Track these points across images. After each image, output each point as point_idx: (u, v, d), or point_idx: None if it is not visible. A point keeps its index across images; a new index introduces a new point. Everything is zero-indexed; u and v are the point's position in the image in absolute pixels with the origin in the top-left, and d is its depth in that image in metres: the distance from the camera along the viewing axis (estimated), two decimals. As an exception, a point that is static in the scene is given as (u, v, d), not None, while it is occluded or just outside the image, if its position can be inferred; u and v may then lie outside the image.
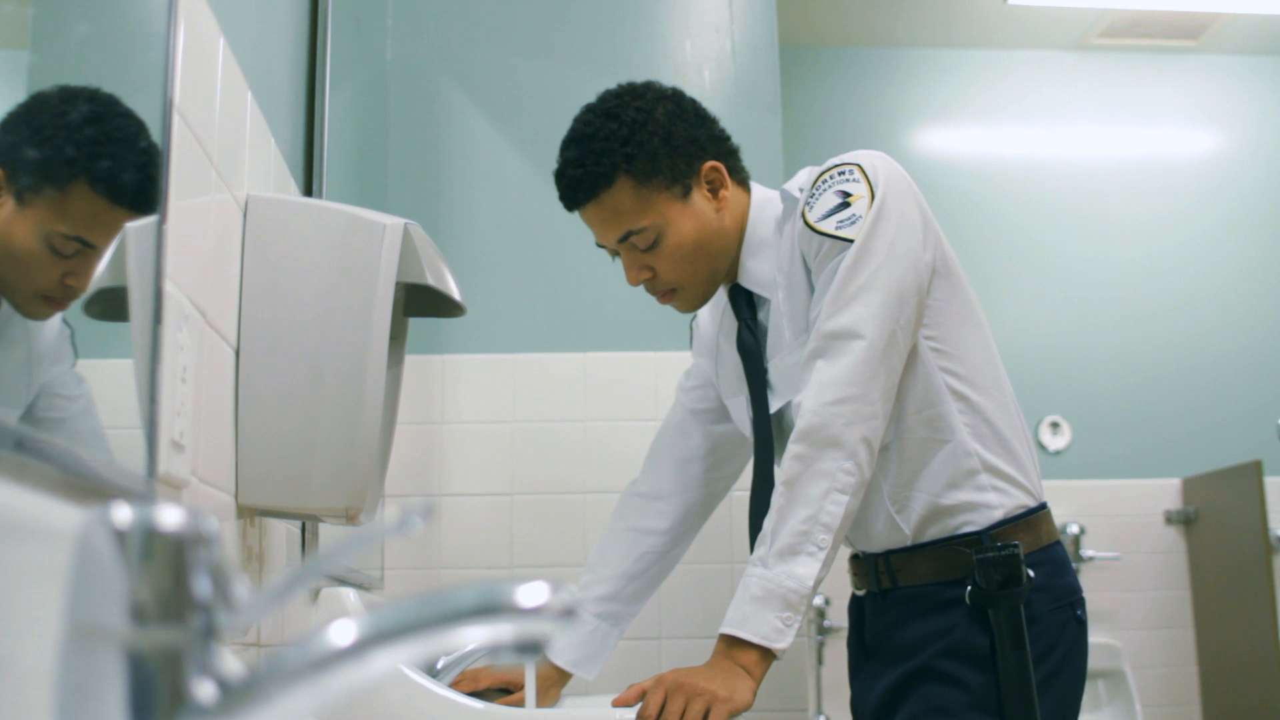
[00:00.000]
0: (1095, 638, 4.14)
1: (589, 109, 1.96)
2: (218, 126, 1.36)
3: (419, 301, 1.72)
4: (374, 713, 1.55)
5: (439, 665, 1.91)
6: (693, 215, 1.90)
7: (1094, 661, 3.99)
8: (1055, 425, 4.53)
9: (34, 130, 0.98)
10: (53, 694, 0.55)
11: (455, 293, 1.62)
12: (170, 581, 0.56)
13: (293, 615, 1.72)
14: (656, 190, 1.88)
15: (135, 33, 1.14)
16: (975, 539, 1.78)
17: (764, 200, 1.98)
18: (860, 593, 1.97)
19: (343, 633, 0.55)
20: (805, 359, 1.78)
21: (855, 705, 1.93)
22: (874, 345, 1.72)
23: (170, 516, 0.56)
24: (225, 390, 1.41)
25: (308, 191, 1.98)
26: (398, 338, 1.67)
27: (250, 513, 1.51)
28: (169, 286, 1.14)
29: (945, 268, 1.86)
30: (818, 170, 1.87)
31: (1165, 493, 4.43)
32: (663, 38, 3.00)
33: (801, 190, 1.88)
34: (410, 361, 1.82)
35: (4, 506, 0.75)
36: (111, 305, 1.03)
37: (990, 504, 1.80)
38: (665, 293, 1.96)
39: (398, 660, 0.55)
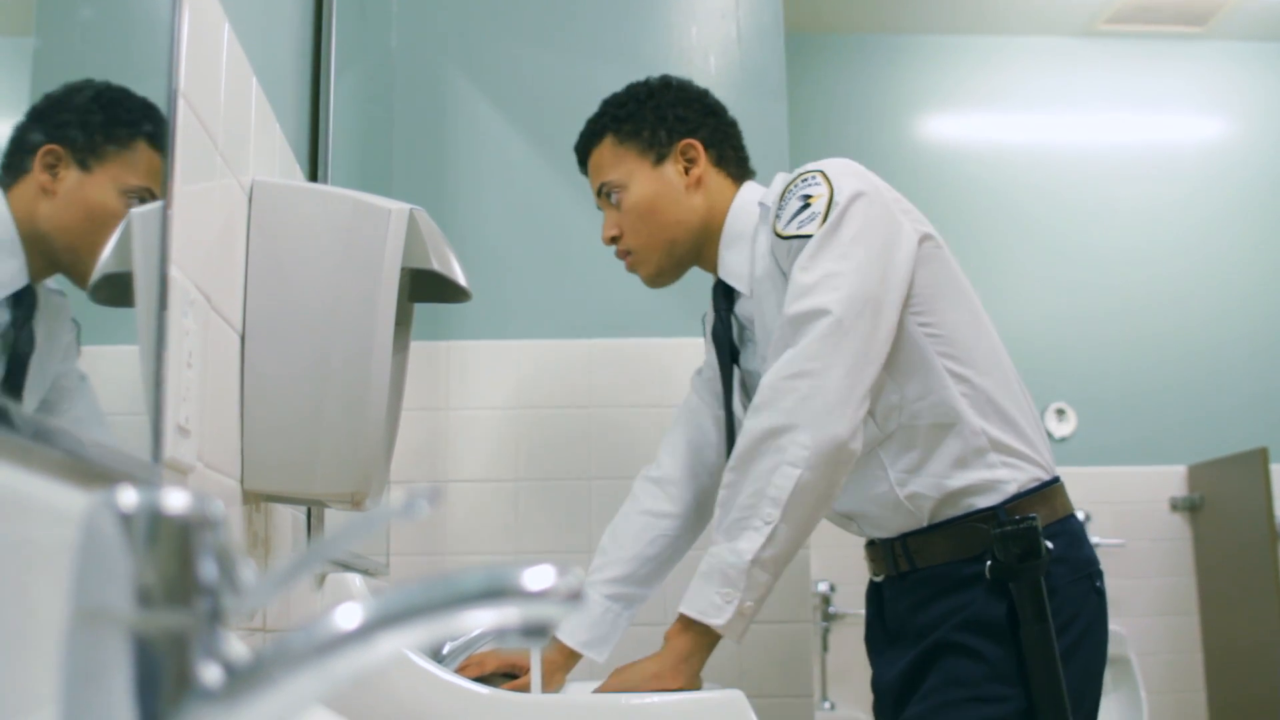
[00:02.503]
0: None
1: None
2: (222, 112, 1.36)
3: (424, 287, 1.71)
4: (379, 698, 1.55)
5: (444, 650, 1.91)
6: (658, 181, 2.01)
7: (1099, 648, 4.00)
8: (1061, 412, 4.53)
9: (93, 98, 1.01)
10: (59, 677, 0.55)
11: (461, 278, 1.62)
12: (176, 565, 0.56)
13: (298, 601, 1.72)
14: (630, 150, 2.03)
15: (140, 18, 1.14)
16: (991, 514, 1.78)
17: (750, 200, 2.03)
18: (878, 579, 1.96)
19: (348, 616, 0.55)
20: (776, 346, 1.80)
21: (876, 682, 1.93)
22: (838, 320, 1.72)
23: (176, 500, 0.56)
24: (230, 376, 1.41)
25: (313, 177, 1.98)
26: (403, 323, 1.67)
27: (256, 498, 1.51)
28: (174, 272, 1.14)
29: (931, 253, 1.87)
30: (788, 178, 1.91)
31: (1170, 479, 4.43)
32: (668, 24, 2.99)
33: (767, 202, 1.95)
34: (416, 348, 1.82)
35: (12, 490, 0.75)
36: (117, 290, 1.03)
37: (1003, 479, 1.80)
38: (625, 255, 2.06)
39: (404, 644, 0.55)
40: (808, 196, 1.84)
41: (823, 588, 4.06)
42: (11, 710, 0.70)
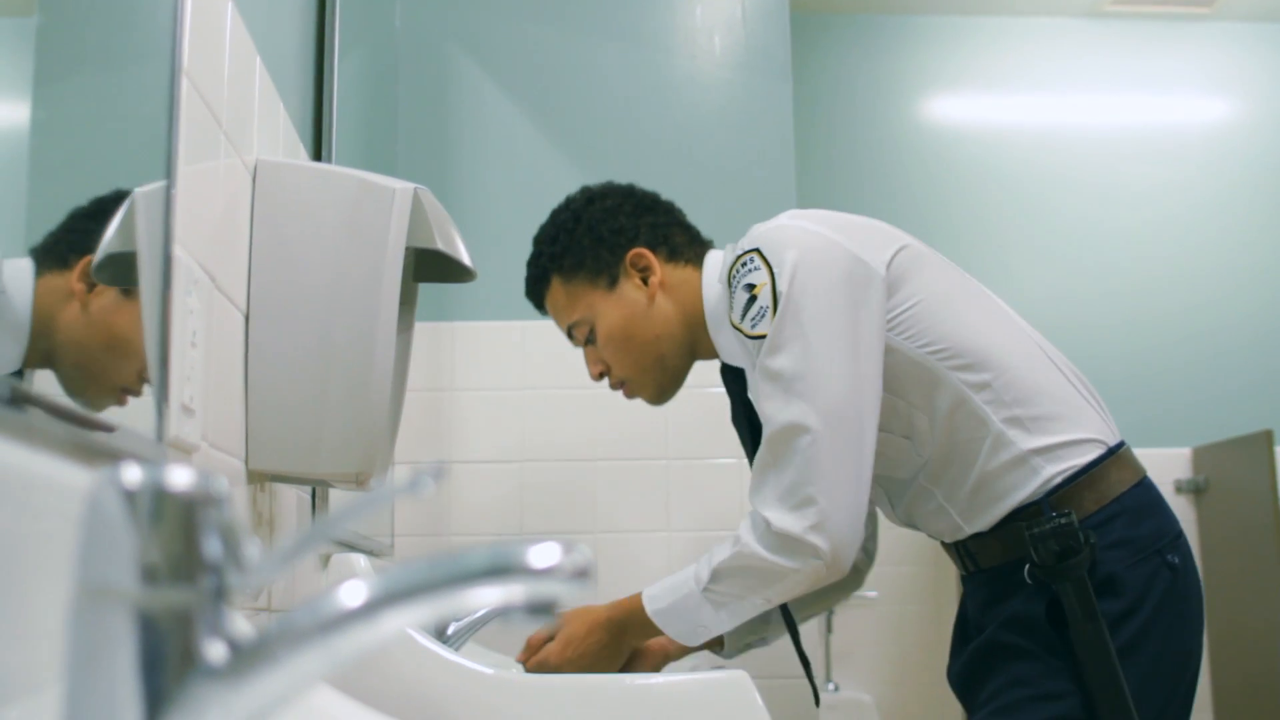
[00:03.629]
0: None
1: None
2: (226, 91, 1.35)
3: (429, 267, 1.71)
4: (384, 678, 1.56)
5: (449, 631, 1.91)
6: (620, 305, 1.94)
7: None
8: (1065, 394, 4.52)
9: None
10: (64, 654, 0.55)
11: (465, 257, 1.62)
12: (180, 542, 0.56)
13: (303, 581, 1.72)
14: (581, 285, 1.96)
15: (143, -4, 1.14)
16: (1036, 509, 1.72)
17: (715, 275, 1.95)
18: (962, 573, 1.94)
19: (353, 594, 0.55)
20: (758, 468, 1.76)
21: (947, 674, 1.91)
22: (819, 435, 1.68)
23: (180, 477, 0.56)
24: (235, 355, 1.41)
25: (317, 156, 1.98)
26: (407, 303, 1.67)
27: (261, 478, 1.51)
28: (178, 251, 1.14)
29: (909, 266, 1.81)
30: (729, 259, 1.85)
31: (1175, 462, 4.42)
32: (673, 3, 2.98)
33: (719, 281, 1.89)
34: (420, 329, 1.82)
35: (16, 468, 0.75)
36: (121, 270, 1.03)
37: (1047, 474, 1.73)
38: (621, 386, 2.00)
39: (408, 621, 0.54)
40: (751, 286, 1.77)
41: (827, 569, 4.06)
42: (16, 688, 0.70)
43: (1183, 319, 4.61)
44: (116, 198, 1.03)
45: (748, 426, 1.93)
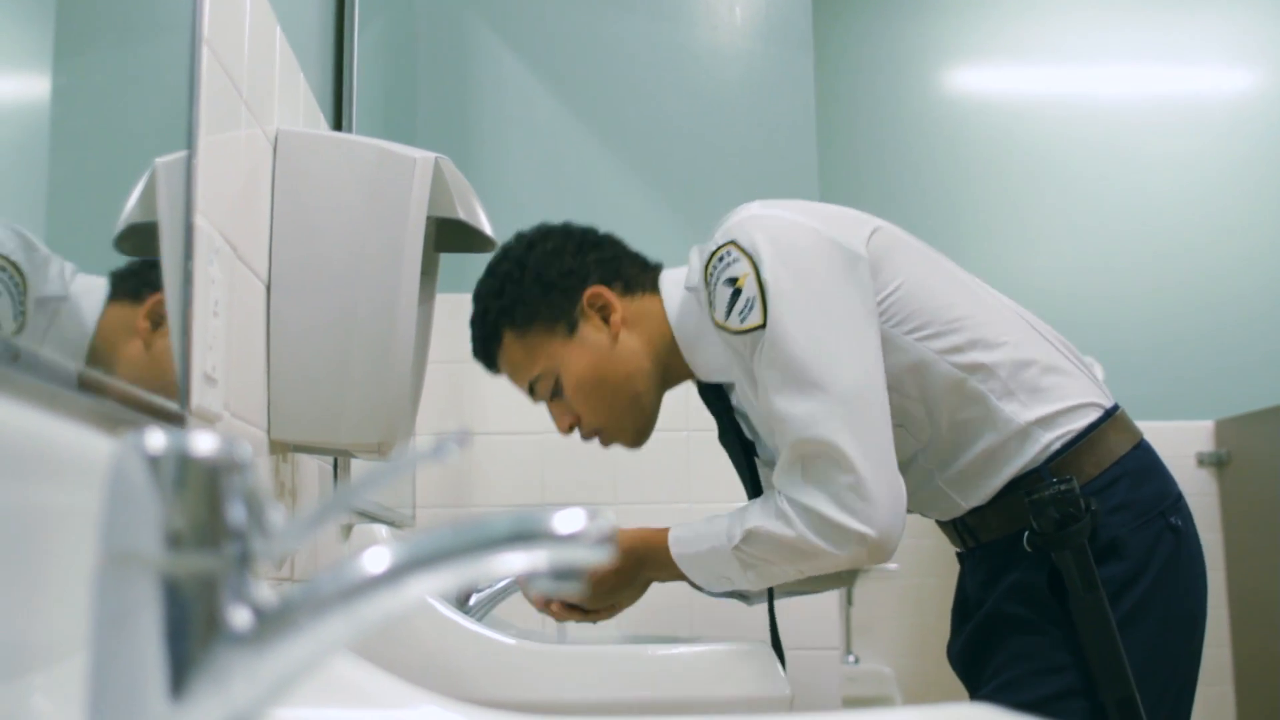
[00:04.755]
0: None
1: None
2: (247, 61, 1.35)
3: (450, 237, 1.71)
4: (407, 648, 1.56)
5: (471, 602, 1.92)
6: (584, 349, 1.84)
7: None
8: (1087, 366, 4.50)
9: None
10: (89, 620, 0.55)
11: (486, 226, 1.62)
12: (205, 508, 0.56)
13: (326, 551, 1.73)
14: (538, 336, 1.84)
15: (164, -36, 1.13)
16: (1036, 476, 1.70)
17: (678, 295, 1.88)
18: (959, 551, 1.93)
19: (377, 560, 0.55)
20: (785, 464, 1.70)
21: (948, 652, 1.90)
22: (842, 420, 1.64)
23: (204, 443, 0.56)
24: (257, 325, 1.41)
25: (337, 126, 1.98)
26: (429, 273, 1.67)
27: (283, 448, 1.51)
28: (200, 221, 1.14)
29: (885, 247, 1.76)
30: (702, 259, 1.78)
31: (1198, 434, 4.40)
32: (694, -27, 2.97)
33: (694, 287, 1.81)
34: (441, 301, 1.82)
35: (41, 437, 0.75)
36: (143, 240, 1.03)
37: (1045, 442, 1.71)
38: (595, 435, 1.91)
39: (433, 587, 0.54)
40: (733, 279, 1.70)
41: (847, 541, 4.06)
42: (44, 653, 0.70)
43: (1206, 290, 4.58)
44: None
45: (739, 444, 1.89)
